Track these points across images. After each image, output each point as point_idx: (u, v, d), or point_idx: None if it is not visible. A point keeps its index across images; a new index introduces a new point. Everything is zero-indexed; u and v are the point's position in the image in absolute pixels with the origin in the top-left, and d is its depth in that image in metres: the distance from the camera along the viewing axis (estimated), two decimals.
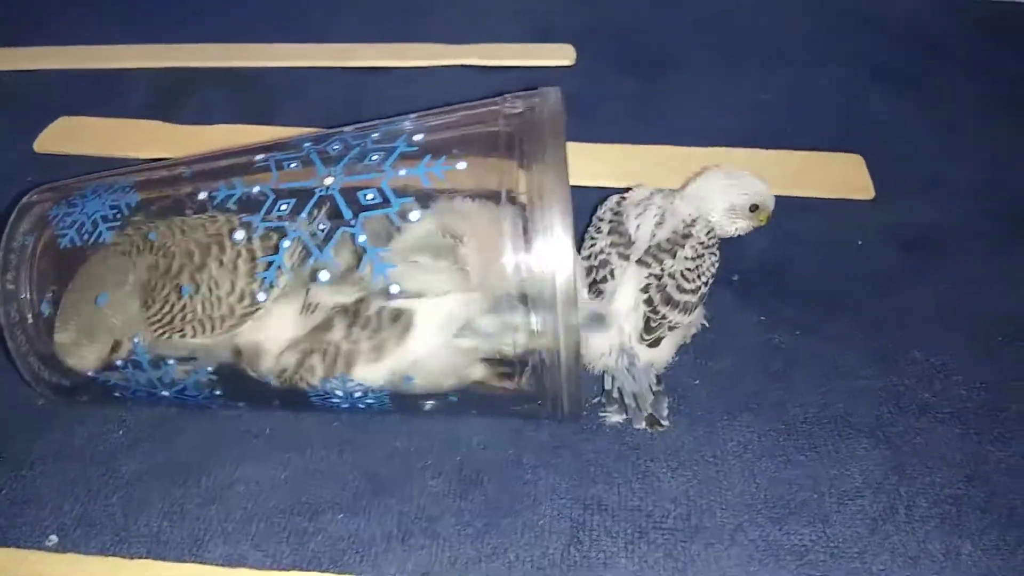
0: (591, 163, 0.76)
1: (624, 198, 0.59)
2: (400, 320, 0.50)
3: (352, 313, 0.50)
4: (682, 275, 0.55)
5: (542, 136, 0.49)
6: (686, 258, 0.55)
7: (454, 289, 0.50)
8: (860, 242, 0.68)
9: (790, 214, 0.71)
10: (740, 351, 0.59)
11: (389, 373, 0.50)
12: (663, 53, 0.89)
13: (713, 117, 0.81)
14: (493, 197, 0.49)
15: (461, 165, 0.49)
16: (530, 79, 0.87)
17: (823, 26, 0.92)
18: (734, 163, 0.75)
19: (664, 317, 0.54)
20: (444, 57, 0.88)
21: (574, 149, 0.75)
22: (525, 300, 0.47)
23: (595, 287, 0.56)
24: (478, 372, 0.51)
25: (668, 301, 0.55)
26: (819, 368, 0.58)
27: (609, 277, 0.55)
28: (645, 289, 0.54)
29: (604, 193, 0.72)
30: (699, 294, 0.56)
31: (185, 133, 0.80)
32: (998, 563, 0.47)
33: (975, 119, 0.81)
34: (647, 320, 0.54)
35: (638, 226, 0.57)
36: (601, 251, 0.56)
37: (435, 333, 0.50)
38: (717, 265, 0.57)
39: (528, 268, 0.47)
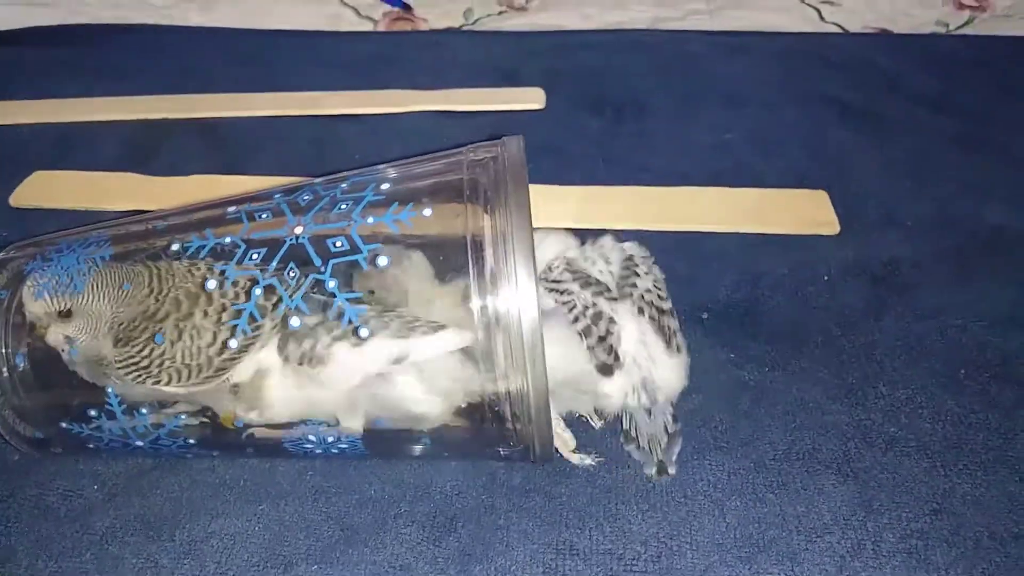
0: (561, 204, 0.78)
1: (567, 259, 0.60)
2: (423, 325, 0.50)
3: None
4: (655, 287, 0.58)
5: (504, 183, 0.50)
6: (646, 274, 0.59)
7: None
8: (826, 277, 0.70)
9: (756, 250, 0.73)
10: (709, 389, 0.60)
11: (397, 354, 0.50)
12: (629, 96, 0.90)
13: (678, 157, 0.82)
14: (458, 243, 0.50)
15: (427, 212, 0.50)
16: (500, 123, 0.89)
17: (783, 67, 0.95)
18: (700, 202, 0.78)
19: (669, 326, 0.56)
20: (412, 103, 0.90)
21: (544, 191, 0.79)
22: (492, 344, 0.48)
23: (603, 343, 0.55)
24: (448, 415, 0.52)
25: (662, 312, 0.57)
26: (787, 404, 0.59)
27: (611, 324, 0.55)
28: (641, 311, 0.56)
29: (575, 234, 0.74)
30: (670, 300, 0.59)
31: (159, 184, 0.81)
32: None
33: (933, 153, 0.83)
34: (663, 332, 0.56)
35: (600, 272, 0.59)
36: (586, 306, 0.56)
37: (444, 348, 0.50)
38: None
39: (494, 312, 0.47)
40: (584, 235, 0.64)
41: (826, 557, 0.49)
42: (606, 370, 0.55)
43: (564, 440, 0.56)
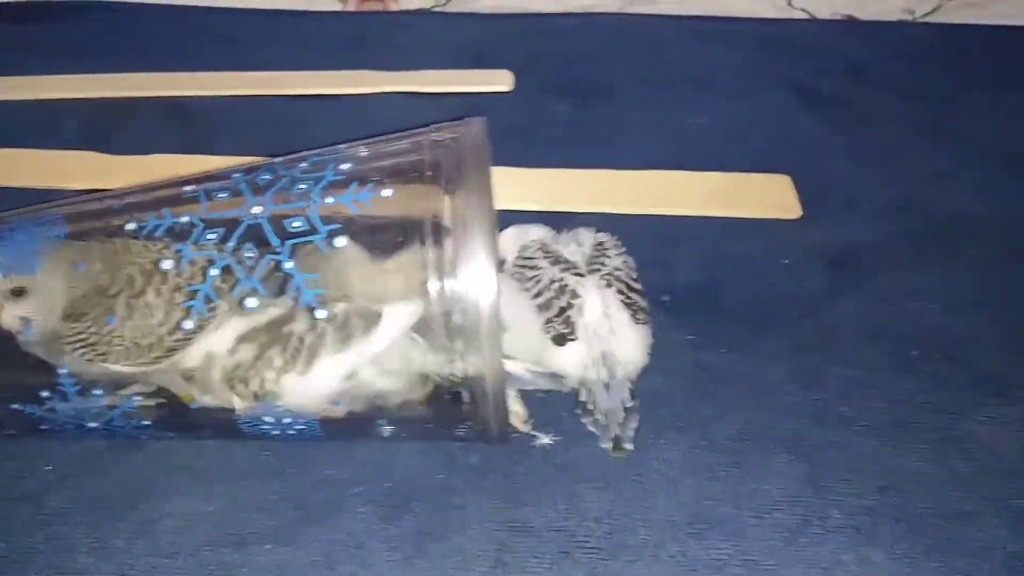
0: (527, 187, 0.78)
1: (542, 242, 0.62)
2: (368, 314, 0.50)
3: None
4: (625, 264, 0.60)
5: (465, 164, 0.50)
6: (616, 256, 0.60)
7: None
8: (787, 261, 0.70)
9: (720, 234, 0.73)
10: (669, 370, 0.61)
11: (352, 368, 0.50)
12: (598, 80, 0.91)
13: (646, 141, 0.83)
14: (418, 224, 0.50)
15: (386, 192, 0.50)
16: (469, 105, 0.89)
17: (750, 52, 0.95)
18: (666, 185, 0.78)
19: (637, 302, 0.58)
20: (381, 84, 0.89)
21: (511, 173, 0.79)
22: (450, 325, 0.48)
23: (563, 314, 0.56)
24: (406, 396, 0.52)
25: (631, 288, 0.58)
26: (745, 385, 0.60)
27: (573, 298, 0.57)
28: (609, 284, 0.57)
29: (540, 218, 0.74)
30: (640, 283, 0.60)
31: (122, 164, 0.80)
32: (908, 571, 0.48)
33: (897, 140, 0.84)
34: (629, 305, 0.57)
35: (571, 253, 0.61)
36: (553, 280, 0.57)
37: (396, 331, 0.50)
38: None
39: (453, 293, 0.48)
40: (559, 226, 0.65)
41: (774, 533, 0.50)
42: (560, 340, 0.56)
43: (516, 412, 0.56)
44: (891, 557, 0.49)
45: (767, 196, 0.77)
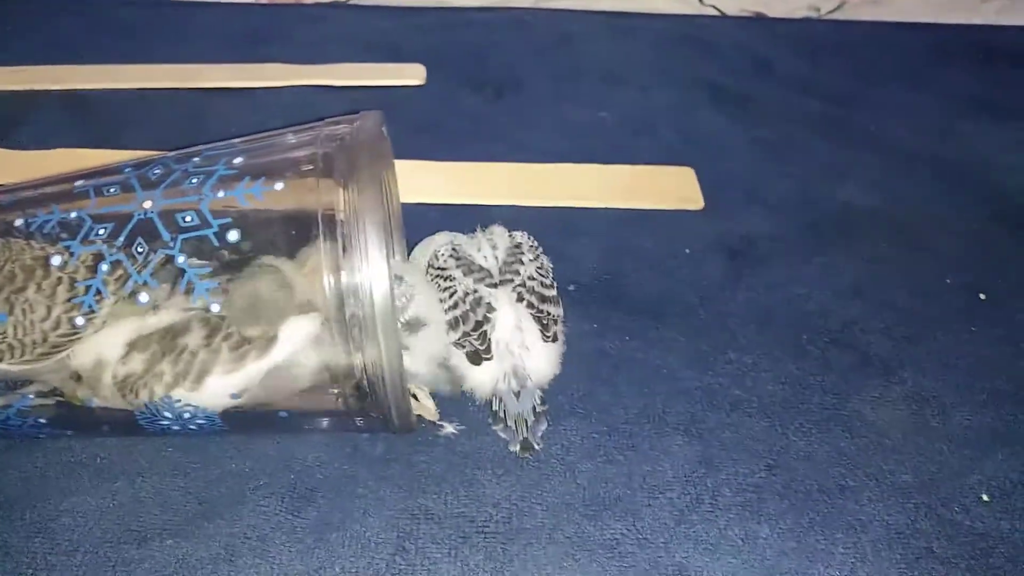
0: (437, 180, 0.78)
1: (453, 245, 0.60)
2: (265, 336, 0.50)
3: (213, 325, 0.49)
4: (539, 273, 0.59)
5: (358, 157, 0.50)
6: (530, 261, 0.59)
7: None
8: (688, 251, 0.73)
9: (625, 225, 0.75)
10: (572, 358, 0.62)
11: (241, 388, 0.50)
12: (508, 74, 0.92)
13: (555, 135, 0.84)
14: (311, 217, 0.50)
15: (279, 186, 0.50)
16: (380, 99, 0.89)
17: (659, 48, 0.98)
18: (573, 178, 0.80)
19: (549, 313, 0.57)
20: (293, 78, 0.89)
21: (420, 166, 0.79)
22: (345, 317, 0.49)
23: (479, 329, 0.55)
24: (309, 389, 0.52)
25: (543, 299, 0.58)
26: (643, 371, 0.62)
27: (488, 312, 0.56)
28: (520, 299, 0.57)
29: (449, 209, 0.75)
30: (555, 287, 0.60)
31: (22, 159, 0.78)
32: (792, 544, 0.51)
33: (797, 134, 0.87)
34: (540, 321, 0.57)
35: (485, 257, 0.59)
36: (467, 292, 0.57)
37: (293, 347, 0.50)
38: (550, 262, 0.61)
39: (347, 285, 0.48)
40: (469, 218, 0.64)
41: (666, 511, 0.52)
42: (475, 358, 0.55)
43: (426, 406, 0.57)
44: (776, 531, 0.51)
45: (671, 188, 0.79)
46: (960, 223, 0.75)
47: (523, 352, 0.56)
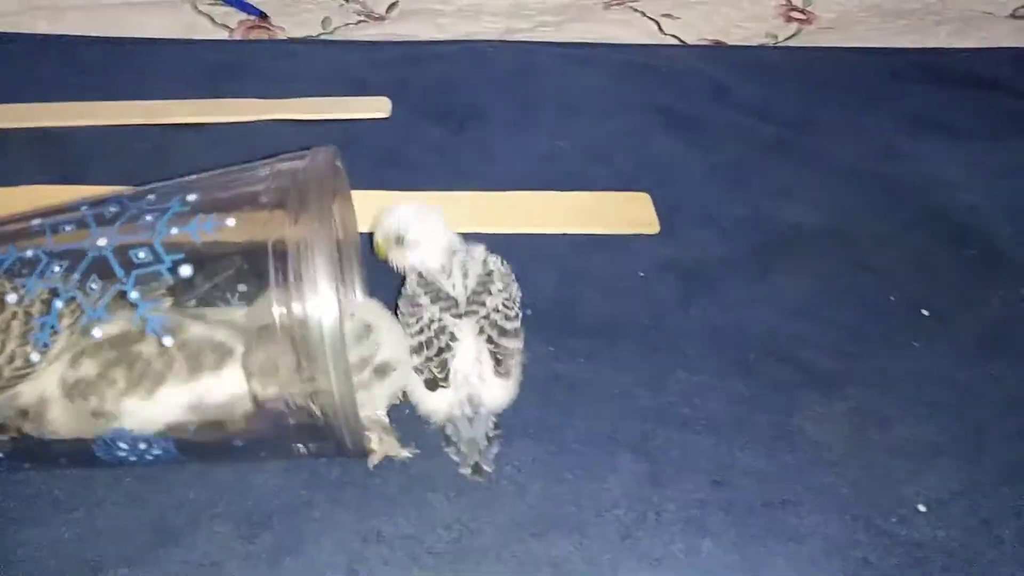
0: None
1: (422, 271, 0.60)
2: (222, 348, 0.52)
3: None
4: (504, 306, 0.59)
5: (309, 191, 0.52)
6: (498, 291, 0.60)
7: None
8: (642, 274, 0.75)
9: (582, 250, 0.77)
10: (527, 381, 0.63)
11: (196, 400, 0.51)
12: (472, 105, 0.94)
13: (514, 164, 0.86)
14: (263, 250, 0.52)
15: (230, 221, 0.52)
16: (346, 132, 0.91)
17: (618, 77, 1.00)
18: (532, 205, 0.82)
19: (506, 348, 0.58)
20: (258, 112, 0.91)
21: (383, 198, 0.81)
22: (297, 347, 0.50)
23: (439, 357, 0.57)
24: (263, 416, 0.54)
25: (503, 333, 0.58)
26: (596, 392, 0.63)
27: (451, 340, 0.57)
28: (481, 331, 0.58)
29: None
30: (519, 317, 0.60)
31: None
32: (734, 558, 0.52)
33: (751, 158, 0.89)
34: (495, 356, 0.58)
35: (453, 286, 0.60)
36: (432, 319, 0.58)
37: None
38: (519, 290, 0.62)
39: (297, 316, 0.50)
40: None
41: (612, 528, 0.53)
42: (432, 385, 0.57)
43: (390, 444, 0.58)
44: (718, 546, 0.53)
45: (628, 213, 0.81)
46: (904, 241, 0.77)
47: (479, 383, 0.57)
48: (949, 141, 0.95)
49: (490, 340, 0.58)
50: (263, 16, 1.17)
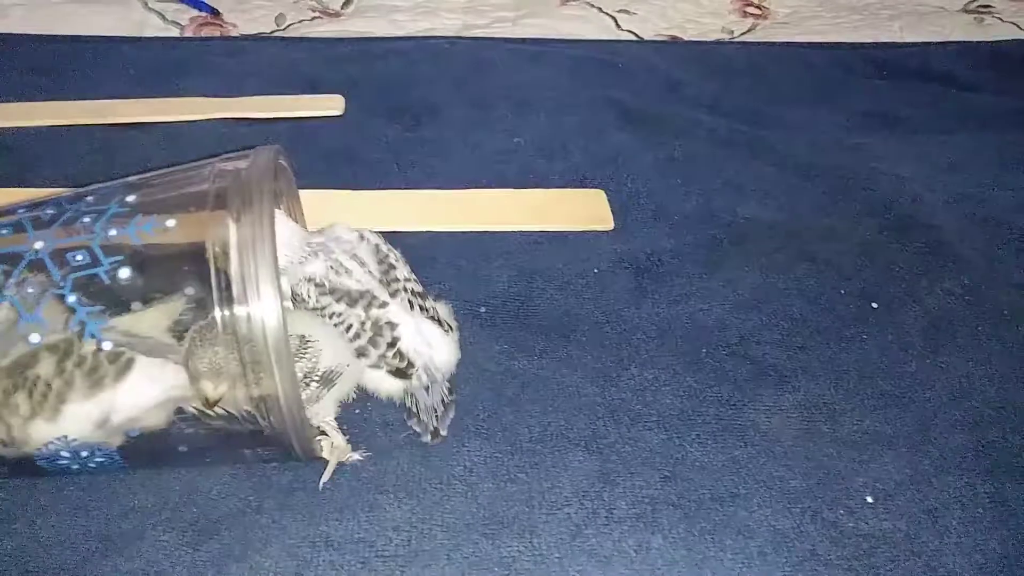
0: (353, 210, 0.79)
1: (316, 280, 0.59)
2: (120, 359, 0.50)
3: (63, 350, 0.50)
4: (407, 272, 0.62)
5: (251, 191, 0.51)
6: (397, 260, 0.63)
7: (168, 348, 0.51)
8: (597, 270, 0.75)
9: (537, 247, 0.77)
10: (480, 379, 0.64)
11: (103, 414, 0.50)
12: (426, 102, 0.93)
13: (469, 161, 0.86)
14: (204, 251, 0.51)
15: (170, 223, 0.51)
16: (298, 131, 0.90)
17: (574, 73, 1.00)
18: (487, 203, 0.82)
19: (434, 306, 0.62)
20: (209, 111, 0.89)
21: (336, 196, 0.80)
22: (241, 349, 0.50)
23: (392, 349, 0.58)
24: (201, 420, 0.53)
25: (423, 296, 0.61)
26: (549, 390, 0.63)
27: (393, 329, 0.58)
28: (411, 305, 0.60)
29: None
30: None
31: None
32: (683, 553, 0.53)
33: (704, 153, 0.90)
34: (433, 319, 0.60)
35: (359, 281, 0.60)
36: (363, 321, 0.58)
37: (154, 377, 0.51)
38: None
39: (239, 318, 0.49)
40: None
41: (563, 527, 0.53)
42: (402, 374, 0.58)
43: (340, 447, 0.57)
44: (668, 541, 0.53)
45: (583, 210, 0.81)
46: (853, 234, 0.78)
47: (430, 351, 0.60)
48: (900, 135, 0.96)
49: (421, 308, 0.60)
50: (215, 13, 1.15)
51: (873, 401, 0.63)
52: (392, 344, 0.58)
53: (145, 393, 0.50)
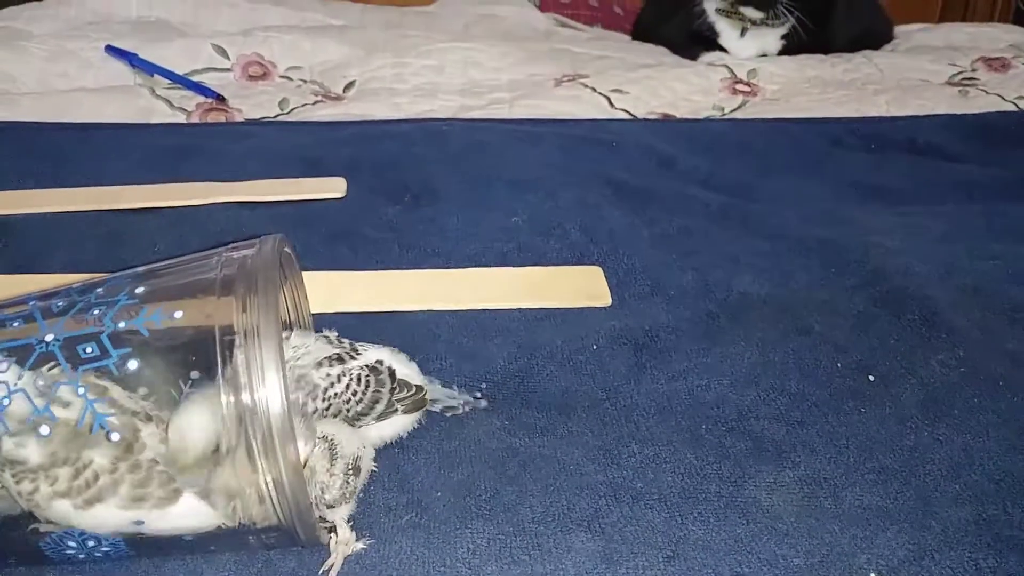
0: (353, 290, 0.81)
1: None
2: (169, 486, 0.51)
3: (123, 448, 0.50)
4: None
5: (256, 279, 0.53)
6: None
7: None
8: (595, 346, 0.76)
9: (536, 324, 0.78)
10: (481, 457, 0.64)
11: (133, 526, 0.51)
12: (425, 183, 0.96)
13: (468, 240, 0.88)
14: (211, 340, 0.52)
15: (178, 314, 0.53)
16: (301, 213, 0.93)
17: (568, 151, 1.03)
18: (486, 281, 0.83)
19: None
20: (214, 195, 0.92)
21: (336, 278, 0.82)
22: (247, 437, 0.50)
23: (394, 380, 0.62)
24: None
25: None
26: (550, 468, 0.63)
27: (390, 373, 0.62)
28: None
29: (367, 317, 0.77)
30: None
31: None
32: None
33: (698, 227, 0.92)
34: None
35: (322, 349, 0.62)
36: (359, 368, 0.61)
37: (198, 513, 0.52)
38: None
39: (245, 406, 0.50)
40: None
41: None
42: (421, 403, 0.64)
43: (346, 539, 0.57)
44: None
45: (580, 287, 0.83)
46: (847, 306, 0.79)
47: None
48: (890, 207, 0.98)
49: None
50: (220, 99, 1.20)
51: (873, 476, 0.63)
52: (392, 375, 0.62)
53: (183, 525, 0.52)
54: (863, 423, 0.68)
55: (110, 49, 1.26)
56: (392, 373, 0.62)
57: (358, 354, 0.62)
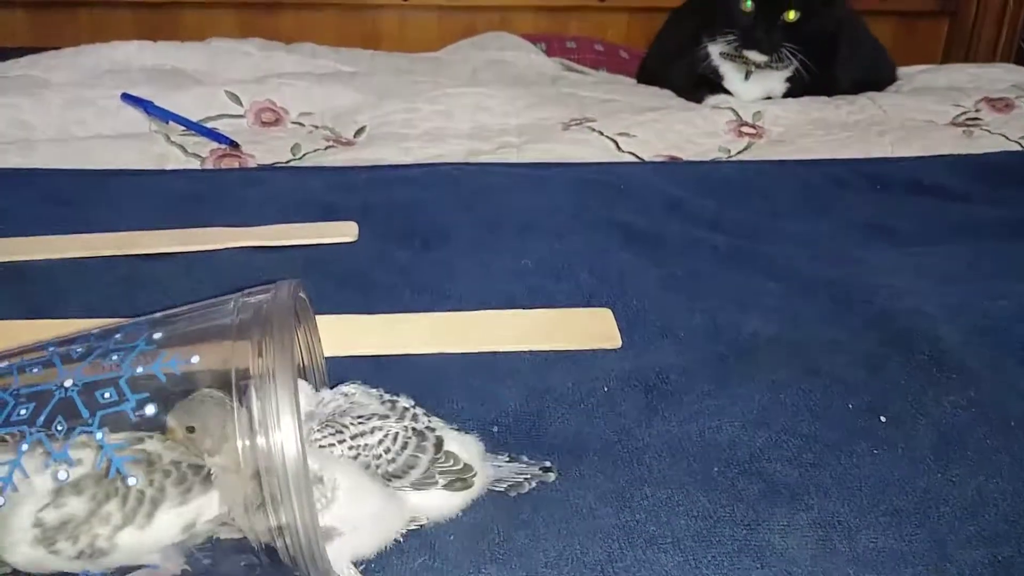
0: (365, 334, 0.82)
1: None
2: (202, 471, 0.53)
3: (146, 463, 0.52)
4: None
5: (271, 324, 0.54)
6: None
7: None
8: (606, 388, 0.76)
9: (547, 366, 0.79)
10: (493, 500, 0.64)
11: (192, 519, 0.52)
12: (435, 226, 0.97)
13: (478, 283, 0.89)
14: (225, 384, 0.53)
15: (195, 359, 0.53)
16: (313, 257, 0.94)
17: (576, 194, 1.04)
18: (496, 324, 0.84)
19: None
20: (226, 240, 0.93)
21: (348, 321, 0.83)
22: (263, 480, 0.51)
23: (440, 448, 0.60)
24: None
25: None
26: (563, 511, 0.63)
27: (433, 431, 0.60)
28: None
29: (379, 361, 0.78)
30: None
31: None
32: None
33: (706, 268, 0.93)
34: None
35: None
36: (404, 428, 0.59)
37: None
38: None
39: (259, 448, 0.50)
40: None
41: None
42: (461, 483, 0.61)
43: None
44: None
45: (590, 329, 0.84)
46: (856, 347, 0.79)
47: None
48: (896, 247, 0.99)
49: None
50: (234, 145, 1.22)
51: (887, 518, 0.63)
52: (439, 445, 0.60)
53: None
54: (876, 465, 0.68)
55: (126, 97, 1.28)
56: (440, 443, 0.60)
57: (415, 421, 0.60)
